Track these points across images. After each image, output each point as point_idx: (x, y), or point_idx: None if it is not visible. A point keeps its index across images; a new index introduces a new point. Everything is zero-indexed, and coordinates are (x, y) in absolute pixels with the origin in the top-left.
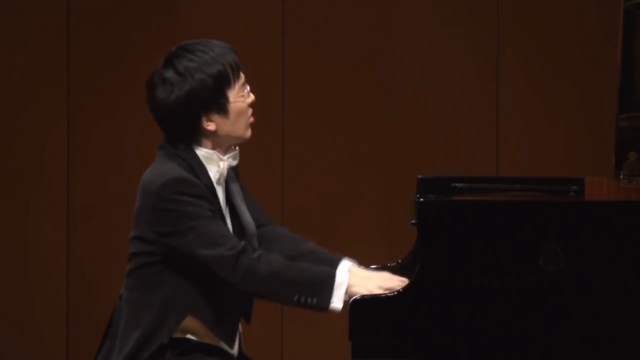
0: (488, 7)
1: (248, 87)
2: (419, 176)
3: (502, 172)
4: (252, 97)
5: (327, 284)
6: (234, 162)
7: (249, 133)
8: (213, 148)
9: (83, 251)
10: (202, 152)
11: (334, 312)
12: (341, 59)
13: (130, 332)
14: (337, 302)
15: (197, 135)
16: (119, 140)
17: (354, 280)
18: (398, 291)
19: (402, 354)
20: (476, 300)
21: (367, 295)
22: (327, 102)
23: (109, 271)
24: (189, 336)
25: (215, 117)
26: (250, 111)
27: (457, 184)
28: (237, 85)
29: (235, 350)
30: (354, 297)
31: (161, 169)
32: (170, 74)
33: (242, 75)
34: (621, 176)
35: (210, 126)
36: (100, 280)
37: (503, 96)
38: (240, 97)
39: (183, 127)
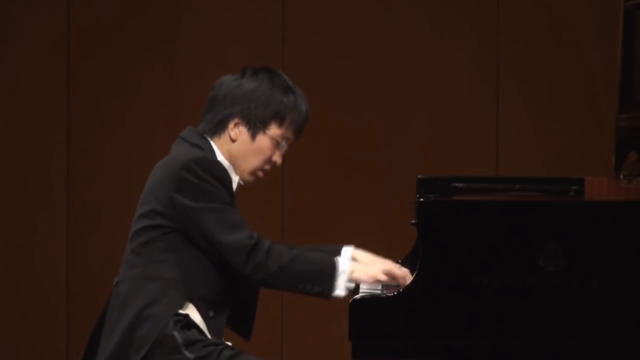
0: (489, 7)
1: (284, 148)
2: (419, 176)
3: (502, 172)
4: (279, 159)
5: (329, 273)
6: (241, 182)
7: (249, 179)
8: (228, 160)
9: (83, 253)
10: (220, 158)
11: (337, 299)
12: (341, 59)
13: (127, 307)
14: (339, 290)
15: (219, 130)
16: (120, 140)
17: (354, 266)
18: (398, 291)
19: (402, 354)
20: (476, 300)
21: (367, 295)
22: (327, 102)
23: (109, 273)
24: (190, 314)
25: (243, 130)
26: (266, 166)
27: (457, 184)
28: (282, 135)
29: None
30: (354, 297)
31: (190, 150)
32: (250, 72)
33: (292, 138)
34: (621, 176)
35: (233, 132)
36: (100, 283)
37: (503, 96)
38: (274, 144)
39: (216, 114)
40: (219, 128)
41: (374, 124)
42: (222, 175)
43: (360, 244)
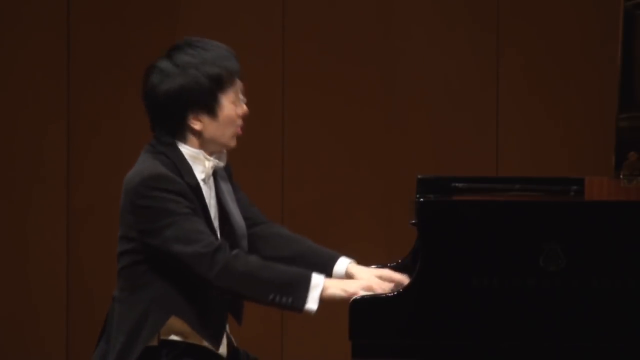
0: (488, 8)
1: (243, 97)
2: (419, 176)
3: (502, 172)
4: (244, 108)
5: (302, 285)
6: (221, 163)
7: (233, 143)
8: (200, 148)
9: (83, 251)
10: (187, 151)
11: (308, 314)
12: (341, 59)
13: (119, 332)
14: (312, 303)
15: (182, 131)
16: (119, 140)
17: (330, 283)
18: (398, 291)
19: (402, 354)
20: (476, 300)
21: (367, 295)
22: (327, 102)
23: (109, 271)
24: (174, 337)
25: (204, 117)
26: (239, 122)
27: (457, 184)
28: (232, 92)
29: (223, 350)
30: (354, 297)
31: (142, 166)
32: (166, 64)
33: (238, 83)
34: (621, 176)
35: (197, 125)
36: (100, 281)
37: (503, 96)
38: (232, 104)
39: (169, 120)
40: (180, 131)
41: (374, 124)
42: (172, 187)
43: (360, 244)
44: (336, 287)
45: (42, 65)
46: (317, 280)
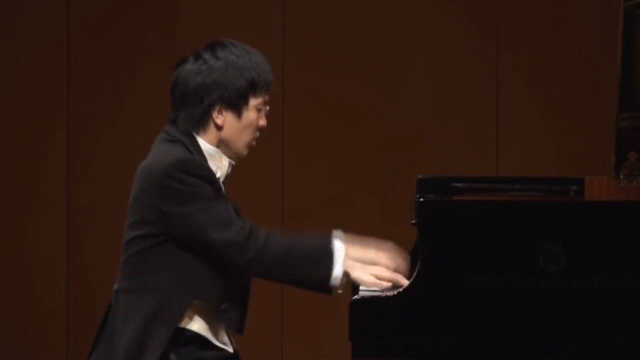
0: (488, 13)
1: (267, 108)
2: (419, 176)
3: (502, 172)
4: (264, 120)
5: (327, 259)
6: (229, 170)
7: (245, 152)
8: (215, 146)
9: (83, 250)
10: (205, 147)
11: (334, 284)
12: (341, 61)
13: (129, 321)
14: (337, 274)
15: (203, 122)
16: (119, 142)
17: (350, 258)
18: (398, 291)
19: (402, 354)
20: (476, 300)
21: (367, 295)
22: (327, 101)
23: (109, 271)
24: (186, 326)
25: (228, 114)
26: (256, 133)
27: (457, 184)
28: (260, 100)
29: (230, 349)
30: (354, 297)
31: (167, 152)
32: (208, 55)
33: (267, 96)
34: (621, 176)
35: (219, 120)
36: (101, 280)
37: (503, 96)
38: (257, 111)
39: (194, 107)
40: (202, 121)
41: (374, 124)
42: (203, 172)
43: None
44: (352, 261)
45: (43, 70)
46: (339, 249)
